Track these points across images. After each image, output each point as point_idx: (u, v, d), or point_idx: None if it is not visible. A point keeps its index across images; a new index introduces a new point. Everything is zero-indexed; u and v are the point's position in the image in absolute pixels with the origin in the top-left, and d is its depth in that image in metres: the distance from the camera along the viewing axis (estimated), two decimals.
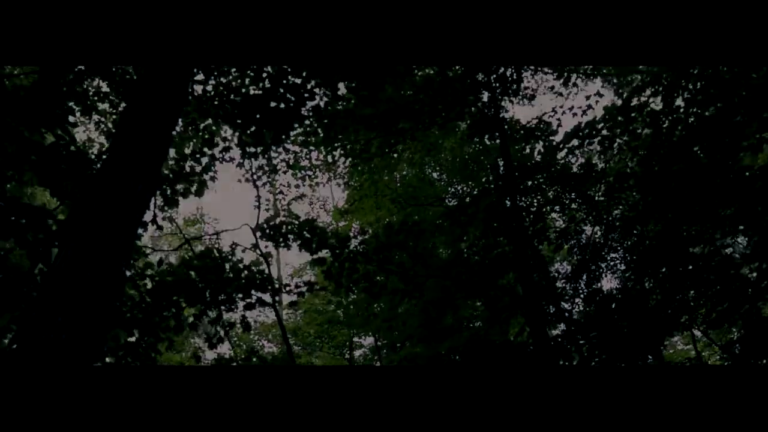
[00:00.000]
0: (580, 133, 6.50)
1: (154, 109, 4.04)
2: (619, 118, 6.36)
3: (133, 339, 6.29)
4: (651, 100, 6.67)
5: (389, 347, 16.83)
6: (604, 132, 6.62)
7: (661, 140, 6.57)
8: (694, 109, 6.36)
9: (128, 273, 6.34)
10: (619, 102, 6.90)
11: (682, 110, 6.50)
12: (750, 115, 5.99)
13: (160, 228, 6.71)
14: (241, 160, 7.44)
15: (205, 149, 6.72)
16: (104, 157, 5.05)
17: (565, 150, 7.19)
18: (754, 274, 7.83)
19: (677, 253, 8.00)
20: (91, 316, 3.16)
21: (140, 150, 3.83)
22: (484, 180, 12.53)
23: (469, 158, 13.83)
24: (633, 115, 6.52)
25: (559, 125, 8.92)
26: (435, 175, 15.20)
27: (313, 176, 10.06)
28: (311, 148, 9.06)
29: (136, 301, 6.27)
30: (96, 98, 7.26)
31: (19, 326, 4.72)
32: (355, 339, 19.13)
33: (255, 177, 7.83)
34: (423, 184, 14.14)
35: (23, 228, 5.04)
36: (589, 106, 8.31)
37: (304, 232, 6.98)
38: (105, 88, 7.31)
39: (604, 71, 12.16)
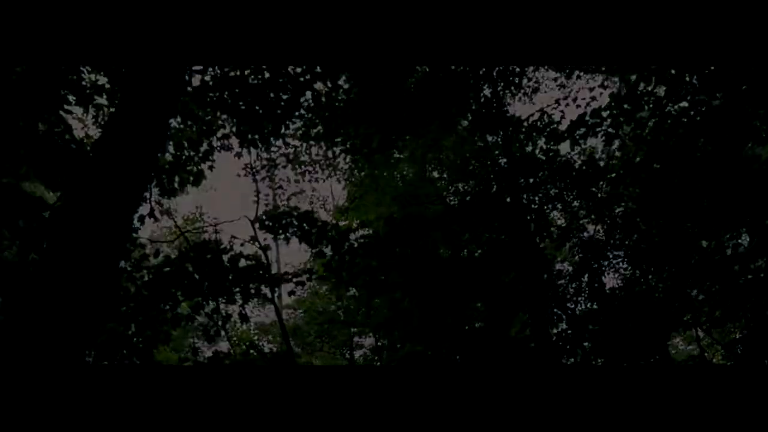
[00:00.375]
0: (587, 121, 6.41)
1: (151, 98, 3.96)
2: (626, 106, 6.27)
3: (129, 333, 6.20)
4: (656, 89, 6.58)
5: (390, 347, 16.75)
6: (610, 120, 6.54)
7: (666, 130, 6.49)
8: (700, 97, 6.27)
9: (125, 265, 6.26)
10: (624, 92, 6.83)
11: (686, 101, 6.42)
12: (757, 105, 5.90)
13: (157, 220, 6.63)
14: (240, 149, 7.35)
15: (203, 139, 6.64)
16: (100, 142, 4.96)
17: (569, 141, 7.11)
18: (762, 275, 7.73)
19: (680, 249, 7.90)
20: (85, 307, 3.07)
21: (136, 138, 3.74)
22: (485, 177, 12.46)
23: (470, 156, 13.76)
24: (641, 99, 6.41)
25: (562, 117, 8.85)
26: (436, 174, 15.14)
27: (312, 171, 9.97)
28: (311, 142, 8.97)
29: (132, 294, 6.18)
30: (92, 90, 7.16)
31: (7, 317, 4.62)
32: (356, 339, 19.04)
33: (254, 170, 7.74)
34: (424, 182, 14.07)
35: (14, 215, 4.95)
36: (593, 98, 8.23)
37: (304, 224, 6.90)
38: (101, 81, 7.21)
39: (603, 69, 12.09)
